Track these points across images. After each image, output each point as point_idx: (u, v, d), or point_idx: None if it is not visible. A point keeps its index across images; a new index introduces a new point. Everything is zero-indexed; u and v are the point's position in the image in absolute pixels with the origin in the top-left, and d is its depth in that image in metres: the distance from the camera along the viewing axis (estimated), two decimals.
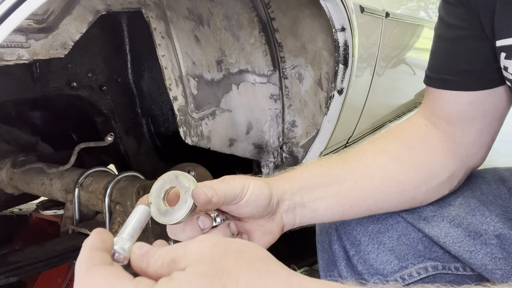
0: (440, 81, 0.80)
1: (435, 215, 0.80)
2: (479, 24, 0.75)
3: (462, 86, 0.78)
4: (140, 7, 1.28)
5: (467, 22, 0.76)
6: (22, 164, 1.42)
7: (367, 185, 0.75)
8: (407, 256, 0.80)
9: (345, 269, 0.83)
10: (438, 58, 0.82)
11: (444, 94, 0.80)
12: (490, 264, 0.75)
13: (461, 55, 0.78)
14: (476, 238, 0.76)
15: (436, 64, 0.82)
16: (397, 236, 0.81)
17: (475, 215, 0.78)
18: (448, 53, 0.79)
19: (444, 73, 0.80)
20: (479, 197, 0.82)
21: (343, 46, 1.39)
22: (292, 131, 1.61)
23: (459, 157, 0.81)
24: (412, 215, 0.81)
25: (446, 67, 0.79)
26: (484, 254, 0.75)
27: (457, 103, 0.79)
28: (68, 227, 1.29)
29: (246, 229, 0.68)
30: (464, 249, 0.76)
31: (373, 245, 0.81)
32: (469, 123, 0.80)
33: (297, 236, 2.00)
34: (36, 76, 1.32)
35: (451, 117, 0.80)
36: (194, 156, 1.52)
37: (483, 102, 0.78)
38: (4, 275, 1.08)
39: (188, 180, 0.60)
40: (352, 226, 0.83)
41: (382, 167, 0.77)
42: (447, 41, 0.80)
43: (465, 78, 0.77)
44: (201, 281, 0.41)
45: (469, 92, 0.77)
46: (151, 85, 1.63)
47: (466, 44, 0.77)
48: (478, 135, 0.80)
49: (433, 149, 0.80)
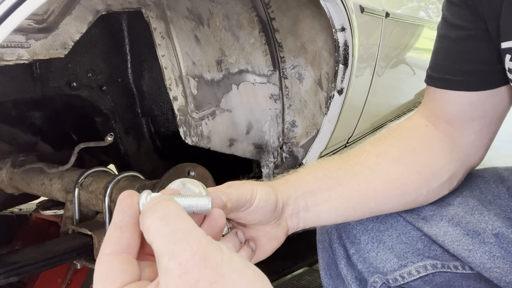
0: (442, 81, 0.80)
1: (434, 214, 0.81)
2: (483, 25, 0.75)
3: (464, 86, 0.78)
4: (140, 7, 1.28)
5: (471, 23, 0.76)
6: (22, 164, 1.42)
7: (369, 188, 0.75)
8: (406, 255, 0.80)
9: (345, 267, 0.83)
10: (440, 58, 0.82)
11: (446, 94, 0.80)
12: (488, 263, 0.75)
13: (464, 55, 0.78)
14: (474, 237, 0.77)
15: (438, 64, 0.82)
16: (397, 235, 0.81)
17: (474, 214, 0.79)
18: (451, 53, 0.79)
19: (446, 73, 0.80)
20: (478, 196, 0.82)
21: (343, 46, 1.39)
22: (292, 131, 1.61)
23: (458, 157, 0.81)
24: (411, 214, 0.82)
25: (449, 67, 0.79)
26: (482, 252, 0.76)
27: (458, 104, 0.79)
28: (68, 227, 1.29)
29: (252, 236, 0.67)
30: (463, 247, 0.77)
31: (373, 244, 0.82)
32: (468, 124, 0.80)
33: (297, 236, 2.00)
34: (36, 76, 1.32)
35: (451, 117, 0.81)
36: (194, 156, 1.52)
37: (483, 103, 0.78)
38: (4, 275, 1.08)
39: (197, 186, 0.58)
40: (352, 225, 0.84)
41: (385, 169, 0.77)
42: (450, 41, 0.80)
43: (467, 78, 0.77)
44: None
45: (471, 92, 0.78)
46: (151, 85, 1.62)
47: (469, 44, 0.77)
48: (478, 135, 0.81)
49: (434, 150, 0.80)
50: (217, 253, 0.39)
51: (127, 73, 1.59)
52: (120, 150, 1.59)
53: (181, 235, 0.39)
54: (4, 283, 1.08)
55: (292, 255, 1.81)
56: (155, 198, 0.44)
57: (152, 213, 0.42)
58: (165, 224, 0.40)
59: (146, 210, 0.43)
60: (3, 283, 1.08)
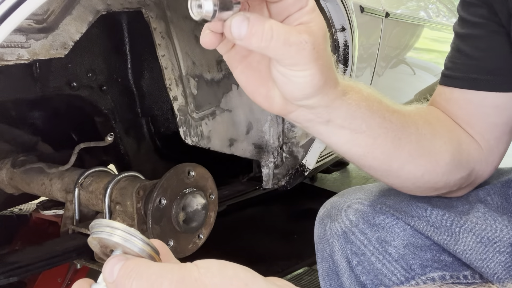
0: (468, 80, 0.75)
1: (444, 219, 0.77)
2: (502, 23, 0.72)
3: (491, 87, 0.73)
4: (140, 7, 1.28)
5: (491, 20, 0.73)
6: (22, 164, 1.42)
7: (404, 147, 0.68)
8: (414, 267, 0.77)
9: (347, 280, 0.80)
10: (464, 56, 0.77)
11: (469, 94, 0.75)
12: (502, 273, 0.71)
13: (491, 52, 0.74)
14: (488, 245, 0.73)
15: (462, 63, 0.77)
16: (404, 245, 0.78)
17: (487, 220, 0.75)
18: (477, 51, 0.75)
19: (472, 72, 0.75)
20: (484, 199, 0.78)
21: (343, 46, 1.39)
22: (292, 131, 1.61)
23: (479, 159, 0.76)
24: (419, 221, 0.78)
25: (475, 65, 0.75)
26: (496, 262, 0.72)
27: (481, 105, 0.75)
28: (68, 227, 1.29)
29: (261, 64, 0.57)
30: (476, 257, 0.73)
31: (378, 255, 0.78)
32: (490, 129, 0.76)
33: (297, 236, 2.00)
34: (36, 76, 1.32)
35: (471, 118, 0.76)
36: (194, 156, 1.52)
37: (508, 107, 0.74)
38: (4, 275, 1.08)
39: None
40: (355, 235, 0.80)
41: (426, 138, 0.71)
42: (475, 39, 0.75)
43: (496, 77, 0.73)
44: None
45: (497, 93, 0.73)
46: (151, 85, 1.62)
47: (495, 40, 0.73)
48: (497, 143, 0.77)
49: (462, 143, 0.75)
50: (192, 270, 0.40)
51: (127, 73, 1.59)
52: (120, 150, 1.59)
53: (154, 277, 0.40)
54: (4, 283, 1.08)
55: (292, 255, 1.81)
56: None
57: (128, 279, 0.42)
58: (139, 278, 0.41)
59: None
60: (3, 283, 1.08)
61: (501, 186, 0.80)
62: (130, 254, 0.45)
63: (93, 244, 0.48)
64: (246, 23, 0.48)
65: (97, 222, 0.46)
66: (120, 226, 0.46)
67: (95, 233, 0.46)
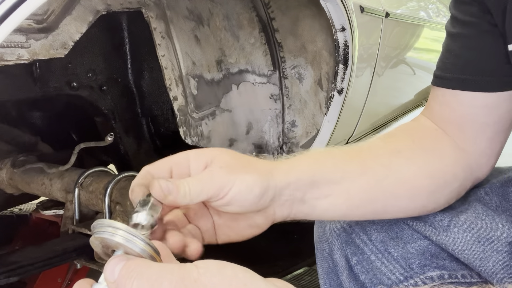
0: (456, 81, 0.75)
1: (442, 220, 0.77)
2: (493, 20, 0.71)
3: (480, 87, 0.73)
4: (140, 7, 1.29)
5: (482, 19, 0.72)
6: (22, 164, 1.42)
7: (379, 186, 0.70)
8: (412, 266, 0.77)
9: (347, 280, 0.80)
10: (454, 56, 0.76)
11: (459, 96, 0.75)
12: (501, 273, 0.71)
13: (481, 52, 0.73)
14: (486, 245, 0.73)
15: (451, 63, 0.77)
16: (403, 245, 0.78)
17: (485, 220, 0.75)
18: (467, 51, 0.75)
19: (461, 72, 0.75)
20: (483, 199, 0.78)
21: (343, 46, 1.39)
22: (292, 131, 1.61)
23: (469, 165, 0.76)
24: (418, 221, 0.78)
25: (464, 65, 0.74)
26: (494, 261, 0.71)
27: (471, 106, 0.74)
28: (68, 227, 1.29)
29: (226, 219, 0.63)
30: (474, 256, 0.73)
31: (377, 254, 0.78)
32: (481, 130, 0.75)
33: (297, 236, 2.00)
34: (36, 76, 1.32)
35: (463, 122, 0.76)
36: None
37: (498, 106, 0.74)
38: (4, 275, 1.08)
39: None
40: (354, 234, 0.80)
41: (398, 169, 0.71)
42: (464, 38, 0.75)
43: (485, 78, 0.73)
44: None
45: (486, 93, 0.73)
46: (151, 85, 1.63)
47: (485, 40, 0.73)
48: (489, 143, 0.76)
49: (446, 156, 0.75)
50: (191, 270, 0.41)
51: (127, 73, 1.59)
52: (120, 150, 1.60)
53: (154, 277, 0.41)
54: (4, 283, 1.08)
55: (292, 255, 1.81)
56: None
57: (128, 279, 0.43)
58: (140, 278, 0.42)
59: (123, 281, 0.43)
60: (3, 283, 1.08)
61: (500, 185, 0.80)
62: (131, 254, 0.45)
63: (95, 244, 0.48)
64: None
65: (99, 222, 0.46)
66: (122, 226, 0.46)
67: (97, 233, 0.46)
